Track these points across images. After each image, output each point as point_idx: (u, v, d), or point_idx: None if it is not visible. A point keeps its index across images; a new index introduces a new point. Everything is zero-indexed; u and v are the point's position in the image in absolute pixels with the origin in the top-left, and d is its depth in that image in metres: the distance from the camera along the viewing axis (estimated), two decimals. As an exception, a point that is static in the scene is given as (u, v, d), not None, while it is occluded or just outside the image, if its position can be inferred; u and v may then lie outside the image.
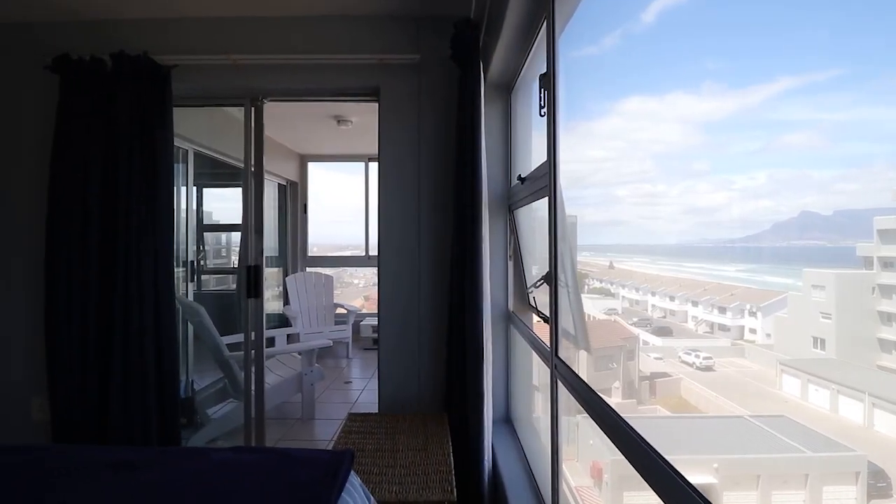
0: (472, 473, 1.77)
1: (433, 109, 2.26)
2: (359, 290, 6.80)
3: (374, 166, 5.09)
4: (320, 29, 2.27)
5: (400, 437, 1.74)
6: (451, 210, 2.08)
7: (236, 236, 4.97)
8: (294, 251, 5.02)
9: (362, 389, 3.52)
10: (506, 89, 2.24)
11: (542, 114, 1.47)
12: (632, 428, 0.81)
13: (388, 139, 2.28)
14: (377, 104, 2.34)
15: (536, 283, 1.46)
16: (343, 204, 5.62)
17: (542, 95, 1.49)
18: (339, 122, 3.89)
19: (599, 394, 1.00)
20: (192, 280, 3.32)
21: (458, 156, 1.99)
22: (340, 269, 6.02)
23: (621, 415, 0.86)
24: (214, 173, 4.15)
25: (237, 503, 0.86)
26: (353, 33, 2.27)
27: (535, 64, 1.89)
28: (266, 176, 4.30)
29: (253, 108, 2.37)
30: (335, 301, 4.61)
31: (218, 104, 2.51)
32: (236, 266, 4.85)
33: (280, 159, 4.77)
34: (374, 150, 4.96)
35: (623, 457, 0.83)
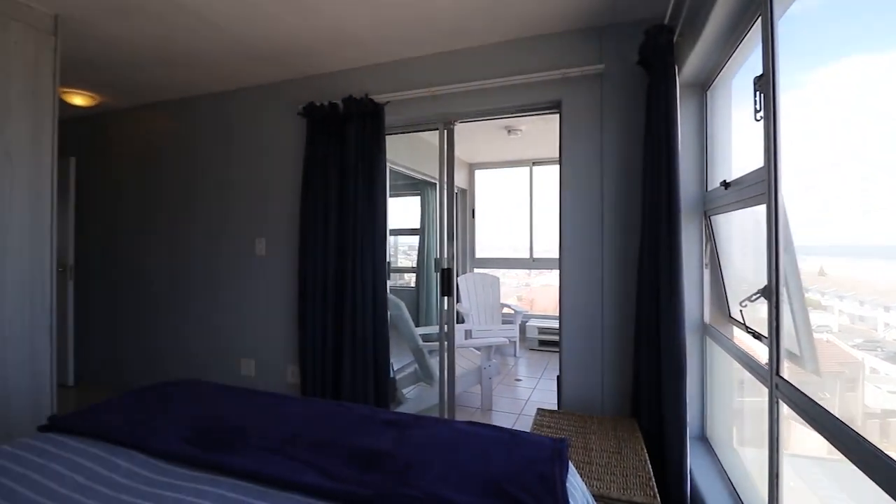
0: (670, 487, 1.74)
1: (616, 116, 2.27)
2: (511, 290, 7.02)
3: (538, 170, 5.21)
4: (506, 53, 2.48)
5: (591, 437, 1.82)
6: (637, 216, 2.09)
7: (401, 238, 5.68)
8: (463, 253, 5.44)
9: (533, 388, 3.67)
10: (700, 89, 2.12)
11: (759, 118, 1.39)
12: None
13: (570, 148, 2.36)
14: (557, 115, 2.46)
15: (752, 296, 1.39)
16: (499, 206, 5.83)
17: (757, 98, 1.41)
18: (509, 131, 4.11)
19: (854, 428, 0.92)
20: (388, 278, 3.89)
21: (647, 161, 1.99)
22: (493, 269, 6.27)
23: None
24: (394, 184, 4.77)
25: (496, 463, 1.06)
26: (536, 53, 2.41)
27: (739, 60, 1.77)
28: (440, 185, 4.76)
29: (446, 131, 2.70)
30: (501, 301, 4.85)
31: (416, 130, 2.90)
32: (413, 266, 5.51)
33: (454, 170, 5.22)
34: (539, 154, 5.11)
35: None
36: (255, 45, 2.52)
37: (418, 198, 5.19)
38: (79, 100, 3.27)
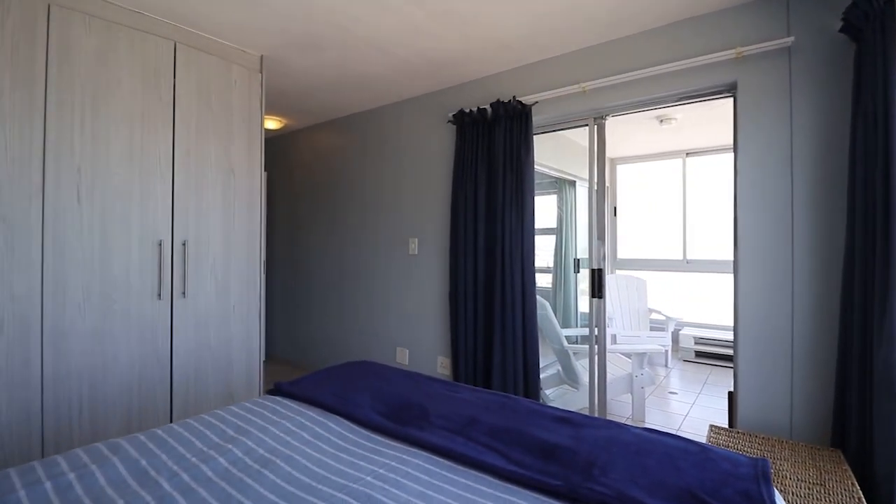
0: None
1: (810, 94, 1.96)
2: (658, 294, 6.44)
3: (693, 161, 4.73)
4: (666, 38, 2.30)
5: (782, 463, 1.60)
6: (842, 210, 1.78)
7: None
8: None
9: (692, 403, 3.34)
10: (934, 50, 1.71)
11: None
12: None
13: (748, 135, 2.10)
14: (730, 99, 2.22)
15: None
16: (645, 203, 5.39)
17: None
18: (661, 121, 3.81)
19: None
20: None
21: (855, 144, 1.68)
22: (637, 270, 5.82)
23: None
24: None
25: (688, 474, 1.01)
26: (703, 33, 2.20)
27: None
28: (579, 182, 4.63)
29: (596, 126, 2.62)
30: (649, 306, 4.51)
31: (563, 128, 2.86)
32: (547, 266, 5.42)
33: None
34: (695, 144, 4.62)
35: None
36: (412, 61, 2.75)
37: (554, 196, 5.10)
38: (271, 124, 3.94)
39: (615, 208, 5.33)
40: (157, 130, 2.23)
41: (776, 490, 1.04)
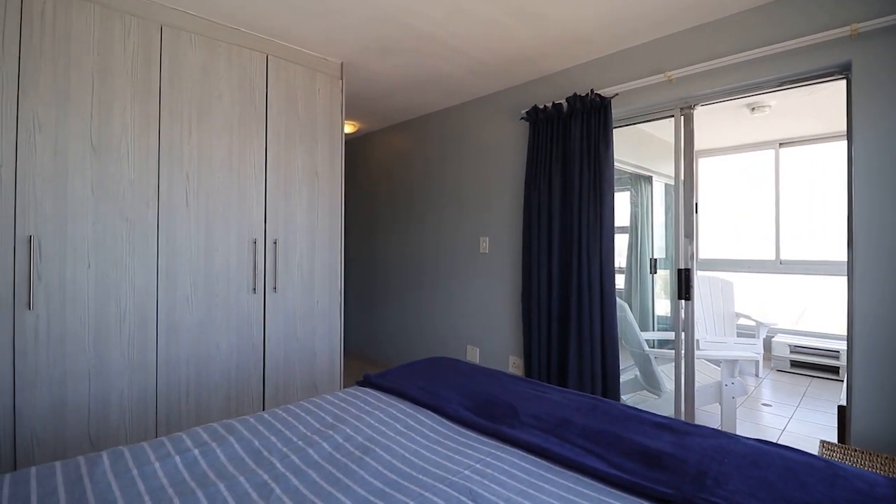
0: None
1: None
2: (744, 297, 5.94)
3: (787, 152, 4.32)
4: (765, 18, 2.12)
5: (916, 488, 1.41)
6: None
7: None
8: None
9: (789, 417, 3.05)
10: None
11: None
12: None
13: (866, 121, 1.88)
14: (843, 82, 2.00)
15: None
16: (729, 199, 5.00)
17: None
18: (752, 109, 3.52)
19: None
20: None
21: None
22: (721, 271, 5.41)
23: None
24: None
25: (815, 490, 0.92)
26: (810, 11, 2.00)
27: None
28: (655, 178, 4.39)
29: (683, 117, 2.47)
30: (736, 310, 4.18)
31: (645, 121, 2.72)
32: (619, 267, 5.19)
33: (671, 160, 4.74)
34: (790, 133, 4.24)
35: None
36: (485, 59, 2.74)
37: (627, 193, 4.88)
38: (347, 128, 4.11)
39: (696, 204, 5.00)
40: (251, 138, 2.41)
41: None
